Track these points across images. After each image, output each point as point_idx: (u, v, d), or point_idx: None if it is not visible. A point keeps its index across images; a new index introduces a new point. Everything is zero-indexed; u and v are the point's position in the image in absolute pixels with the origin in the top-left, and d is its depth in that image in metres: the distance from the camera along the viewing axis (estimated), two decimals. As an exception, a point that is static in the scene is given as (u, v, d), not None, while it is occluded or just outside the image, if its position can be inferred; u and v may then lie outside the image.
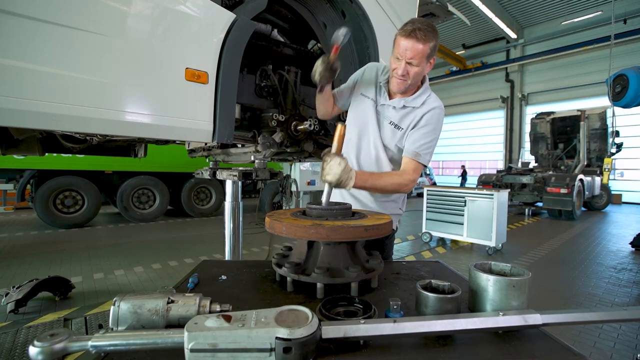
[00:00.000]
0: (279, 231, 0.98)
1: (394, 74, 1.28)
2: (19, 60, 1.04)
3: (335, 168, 1.11)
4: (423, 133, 1.32)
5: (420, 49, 1.18)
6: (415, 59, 1.20)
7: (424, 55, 1.20)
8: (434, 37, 1.20)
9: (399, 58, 1.23)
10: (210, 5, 1.44)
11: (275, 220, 1.01)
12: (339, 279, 0.91)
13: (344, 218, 1.03)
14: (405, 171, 1.32)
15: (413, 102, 1.33)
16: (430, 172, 16.34)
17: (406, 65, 1.22)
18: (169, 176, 7.52)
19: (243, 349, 0.56)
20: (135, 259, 4.43)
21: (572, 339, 2.40)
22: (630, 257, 4.89)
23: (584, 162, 9.21)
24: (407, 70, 1.23)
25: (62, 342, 0.55)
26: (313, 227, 0.91)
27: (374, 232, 0.94)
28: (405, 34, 1.18)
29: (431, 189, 5.64)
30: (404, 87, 1.30)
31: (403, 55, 1.21)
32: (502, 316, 0.69)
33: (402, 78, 1.26)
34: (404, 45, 1.19)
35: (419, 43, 1.17)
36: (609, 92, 5.97)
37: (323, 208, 1.06)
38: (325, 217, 1.03)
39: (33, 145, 2.47)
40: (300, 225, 0.93)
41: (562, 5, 13.88)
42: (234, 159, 2.58)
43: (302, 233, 0.92)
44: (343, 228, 0.91)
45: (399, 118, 1.35)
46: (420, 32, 1.16)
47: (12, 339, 2.26)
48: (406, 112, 1.34)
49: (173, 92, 1.37)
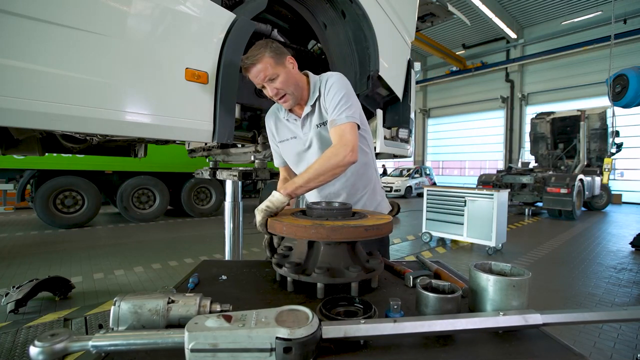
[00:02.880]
0: (280, 231, 0.98)
1: (276, 101, 1.30)
2: (19, 60, 1.04)
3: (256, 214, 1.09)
4: (330, 99, 1.25)
5: (261, 67, 1.19)
6: (268, 74, 1.20)
7: (268, 67, 1.20)
8: (264, 46, 1.20)
9: (262, 86, 1.25)
10: (210, 5, 1.44)
11: (275, 220, 1.01)
12: (339, 279, 0.91)
13: (344, 218, 1.03)
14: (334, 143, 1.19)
15: (314, 96, 1.30)
16: (430, 172, 16.33)
17: (269, 85, 1.23)
18: (169, 176, 7.52)
19: (243, 349, 0.56)
20: (135, 259, 4.43)
21: (572, 339, 2.40)
22: (630, 257, 4.89)
23: (584, 162, 9.21)
24: (274, 88, 1.23)
25: (63, 342, 0.55)
26: (313, 227, 0.91)
27: (374, 232, 0.93)
28: (245, 69, 1.22)
29: (431, 189, 5.64)
30: (292, 101, 1.28)
31: (258, 82, 1.23)
32: (502, 316, 0.69)
33: (280, 97, 1.26)
34: (252, 75, 1.22)
35: (255, 65, 1.19)
36: (609, 92, 5.97)
37: (323, 208, 1.05)
38: (326, 217, 1.02)
39: (33, 145, 2.48)
40: (300, 225, 0.93)
41: (562, 5, 13.88)
42: (234, 159, 2.59)
43: (303, 233, 0.92)
44: (343, 228, 0.91)
45: (318, 116, 1.32)
46: (248, 58, 1.19)
47: (12, 339, 2.26)
48: (318, 107, 1.31)
49: (173, 92, 1.37)
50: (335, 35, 2.03)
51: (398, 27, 2.31)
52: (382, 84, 2.19)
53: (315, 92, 1.30)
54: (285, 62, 1.24)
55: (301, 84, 1.30)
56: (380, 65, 2.03)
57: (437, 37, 15.97)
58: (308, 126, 1.34)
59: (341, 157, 1.14)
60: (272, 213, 1.08)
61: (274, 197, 1.10)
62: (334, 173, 1.16)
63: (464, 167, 19.11)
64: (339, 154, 1.14)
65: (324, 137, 1.31)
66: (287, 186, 1.13)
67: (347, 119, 1.21)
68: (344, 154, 1.15)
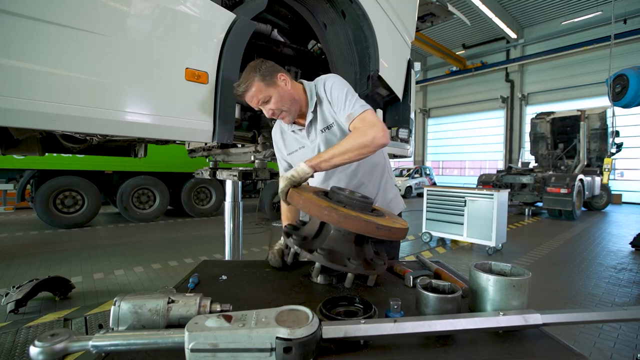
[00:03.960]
0: (296, 203, 0.98)
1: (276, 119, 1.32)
2: (19, 60, 1.04)
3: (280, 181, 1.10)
4: (336, 98, 1.25)
5: (253, 92, 1.21)
6: (261, 98, 1.22)
7: (260, 91, 1.21)
8: (254, 70, 1.21)
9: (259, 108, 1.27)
10: (210, 5, 1.44)
11: (296, 192, 1.01)
12: (337, 265, 0.90)
13: (361, 210, 1.00)
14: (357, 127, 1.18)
15: (313, 102, 1.31)
16: (430, 172, 16.33)
17: (264, 107, 1.25)
18: (169, 176, 7.52)
19: (243, 349, 0.56)
20: (135, 259, 4.43)
21: (572, 339, 2.40)
22: (630, 257, 4.89)
23: (584, 162, 9.21)
24: (269, 110, 1.25)
25: (63, 342, 0.55)
26: (327, 209, 0.90)
27: (385, 232, 0.91)
28: (239, 96, 1.24)
29: (431, 189, 5.64)
30: (290, 116, 1.29)
31: (254, 105, 1.25)
32: (503, 316, 0.69)
33: (277, 115, 1.27)
34: (247, 99, 1.24)
35: (248, 92, 1.21)
36: (609, 92, 5.96)
37: (345, 194, 1.02)
38: (344, 204, 0.99)
39: (33, 145, 2.48)
40: (316, 204, 0.92)
41: (562, 5, 13.87)
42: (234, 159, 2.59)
43: (316, 211, 0.92)
44: (356, 219, 0.89)
45: (321, 121, 1.32)
46: (240, 86, 1.21)
47: (12, 339, 2.26)
48: (320, 112, 1.32)
49: (173, 92, 1.37)
50: (335, 35, 2.03)
51: (398, 27, 2.31)
52: (382, 84, 2.19)
53: (313, 98, 1.30)
54: (277, 81, 1.24)
55: (297, 97, 1.29)
56: (380, 65, 2.03)
57: (437, 37, 15.97)
58: (314, 133, 1.34)
59: (370, 137, 1.11)
60: (295, 183, 1.08)
61: (299, 167, 1.11)
62: (361, 152, 1.12)
63: (464, 167, 19.10)
64: (368, 134, 1.11)
65: (330, 141, 1.30)
66: (313, 159, 1.13)
67: (362, 107, 1.20)
68: (373, 134, 1.11)
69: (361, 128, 1.15)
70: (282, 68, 1.29)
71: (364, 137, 1.11)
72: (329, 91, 1.27)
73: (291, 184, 1.07)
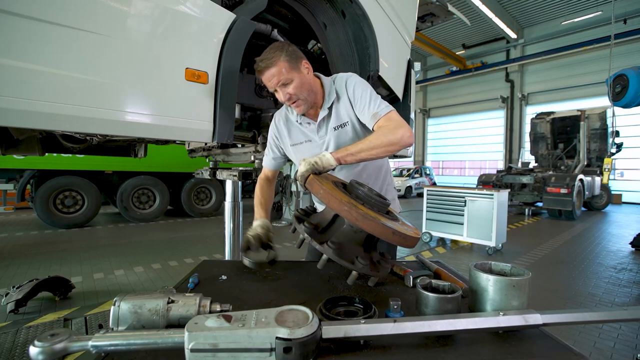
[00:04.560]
0: (316, 191, 0.96)
1: (288, 105, 1.27)
2: (19, 60, 1.04)
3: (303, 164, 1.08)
4: (360, 98, 1.24)
5: (275, 71, 1.16)
6: (282, 79, 1.17)
7: (283, 71, 1.16)
8: (280, 50, 1.17)
9: (275, 90, 1.22)
10: (210, 5, 1.44)
11: (316, 180, 0.98)
12: (344, 262, 0.89)
13: (379, 211, 0.98)
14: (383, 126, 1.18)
15: (330, 98, 1.29)
16: (430, 172, 16.33)
17: (282, 90, 1.20)
18: (169, 176, 7.52)
19: (243, 349, 0.56)
20: (135, 259, 4.43)
21: (572, 339, 2.40)
22: (630, 257, 4.89)
23: (584, 162, 9.21)
24: (287, 93, 1.20)
25: (63, 342, 0.55)
26: (348, 205, 0.88)
27: (399, 239, 0.89)
28: (259, 71, 1.18)
29: (431, 189, 5.64)
30: (305, 106, 1.25)
31: (272, 86, 1.20)
32: (503, 316, 0.69)
33: (293, 102, 1.23)
34: (266, 78, 1.18)
35: (269, 69, 1.16)
36: (609, 92, 5.97)
37: (365, 192, 1.00)
38: (362, 202, 0.97)
39: (33, 145, 2.48)
40: (337, 197, 0.90)
41: (562, 5, 13.87)
42: (234, 159, 2.59)
43: (336, 205, 0.90)
44: (374, 221, 0.87)
45: (335, 119, 1.30)
46: (262, 61, 1.16)
47: (12, 339, 2.26)
48: (335, 109, 1.30)
49: (173, 92, 1.37)
50: (335, 35, 2.03)
51: (398, 27, 2.31)
52: (382, 83, 2.18)
53: (332, 95, 1.28)
54: (301, 67, 1.21)
55: (315, 89, 1.27)
56: (380, 65, 2.03)
57: (437, 37, 15.97)
58: (324, 129, 1.32)
59: (399, 136, 1.11)
60: (316, 171, 1.06)
61: (325, 157, 1.08)
62: (388, 150, 1.12)
63: (464, 167, 19.11)
64: (397, 133, 1.11)
65: (342, 139, 1.29)
66: (339, 151, 1.11)
67: (388, 107, 1.20)
68: (402, 133, 1.12)
69: (389, 126, 1.15)
70: None
71: (393, 135, 1.11)
72: (351, 89, 1.26)
73: (312, 170, 1.05)
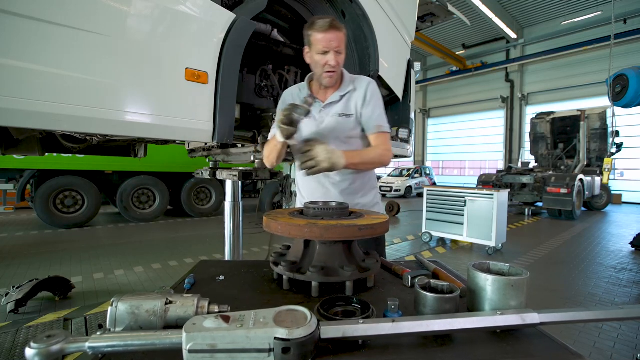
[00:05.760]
0: (275, 230, 0.99)
1: (325, 69, 1.30)
2: (19, 60, 1.04)
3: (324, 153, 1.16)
4: (374, 106, 1.37)
5: (342, 36, 1.25)
6: (341, 46, 1.26)
7: (344, 41, 1.27)
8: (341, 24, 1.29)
9: (326, 51, 1.26)
10: (210, 5, 1.44)
11: (271, 219, 1.01)
12: (333, 278, 0.92)
13: (339, 217, 1.04)
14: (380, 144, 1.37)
15: (347, 88, 1.37)
16: (430, 172, 16.32)
17: (336, 56, 1.27)
18: (169, 176, 7.52)
19: (242, 350, 0.56)
20: (135, 259, 4.43)
21: (572, 339, 2.40)
22: (630, 257, 4.89)
23: (584, 162, 9.20)
24: (337, 61, 1.27)
25: (59, 344, 0.55)
26: (307, 227, 0.92)
27: (368, 231, 0.94)
28: (324, 28, 1.24)
29: (431, 189, 5.64)
30: (334, 79, 1.34)
31: (329, 47, 1.25)
32: (500, 315, 0.69)
33: (334, 69, 1.29)
34: (328, 37, 1.24)
35: (339, 31, 1.25)
36: (609, 92, 5.96)
37: (320, 207, 1.07)
38: (322, 217, 1.03)
39: (33, 145, 2.48)
40: (295, 225, 0.94)
41: (562, 5, 13.86)
42: (234, 159, 2.59)
43: (297, 232, 0.93)
44: (337, 227, 0.91)
45: (343, 107, 1.37)
46: (332, 22, 1.23)
47: (12, 339, 2.26)
48: (346, 99, 1.38)
49: (173, 92, 1.37)
50: (335, 36, 2.03)
51: (398, 27, 2.31)
52: (382, 83, 2.19)
53: (349, 86, 1.37)
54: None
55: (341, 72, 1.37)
56: (380, 65, 2.03)
57: (437, 37, 15.96)
58: (327, 111, 1.38)
59: (387, 160, 1.37)
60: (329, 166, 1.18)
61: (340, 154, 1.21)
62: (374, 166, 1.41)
63: (464, 167, 19.10)
64: (386, 157, 1.36)
65: (342, 126, 1.36)
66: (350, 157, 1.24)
67: (388, 128, 1.39)
68: (389, 157, 1.38)
69: (383, 147, 1.36)
70: None
71: (384, 159, 1.36)
72: (370, 92, 1.37)
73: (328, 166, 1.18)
